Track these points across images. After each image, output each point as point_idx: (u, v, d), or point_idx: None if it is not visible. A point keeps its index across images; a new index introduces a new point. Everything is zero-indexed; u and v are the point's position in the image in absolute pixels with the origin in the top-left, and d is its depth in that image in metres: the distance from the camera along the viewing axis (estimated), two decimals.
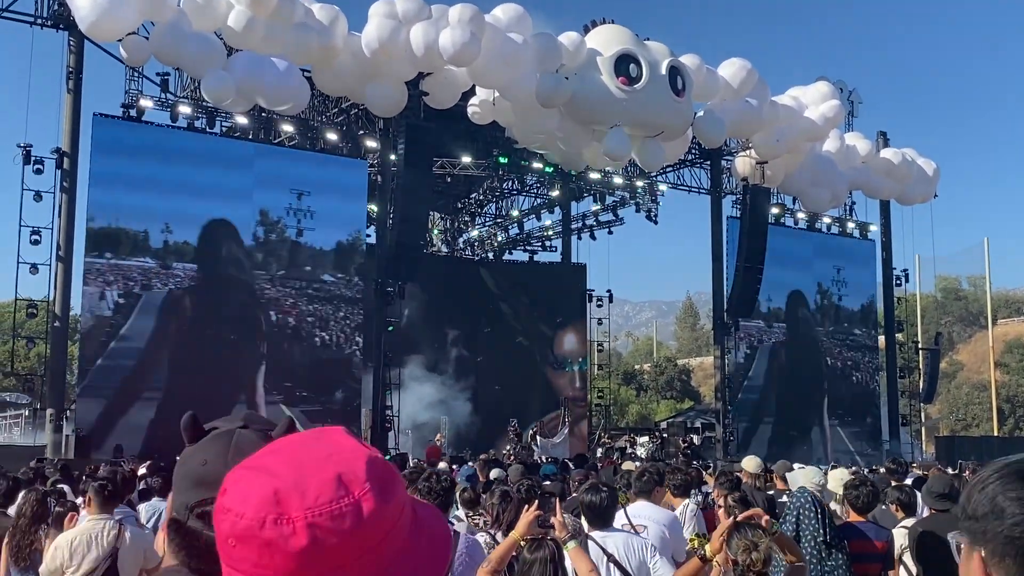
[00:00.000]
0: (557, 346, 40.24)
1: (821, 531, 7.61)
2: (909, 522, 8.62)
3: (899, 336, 42.39)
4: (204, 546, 1.68)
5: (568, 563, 5.79)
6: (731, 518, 5.38)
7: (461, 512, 9.37)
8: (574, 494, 10.16)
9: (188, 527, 1.72)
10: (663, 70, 27.88)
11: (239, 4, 24.12)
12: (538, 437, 35.06)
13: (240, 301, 27.93)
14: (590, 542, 6.27)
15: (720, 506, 8.20)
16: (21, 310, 26.69)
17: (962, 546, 1.62)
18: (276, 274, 28.51)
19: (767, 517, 5.49)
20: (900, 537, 8.47)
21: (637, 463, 16.26)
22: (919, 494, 9.46)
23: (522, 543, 5.50)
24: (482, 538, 7.01)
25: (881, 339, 42.27)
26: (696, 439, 39.79)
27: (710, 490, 11.24)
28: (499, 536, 6.82)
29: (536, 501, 6.51)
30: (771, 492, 11.42)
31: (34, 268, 25.69)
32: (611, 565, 6.24)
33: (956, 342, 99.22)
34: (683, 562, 7.23)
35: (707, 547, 5.30)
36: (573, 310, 40.84)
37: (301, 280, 28.87)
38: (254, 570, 1.32)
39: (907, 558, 8.32)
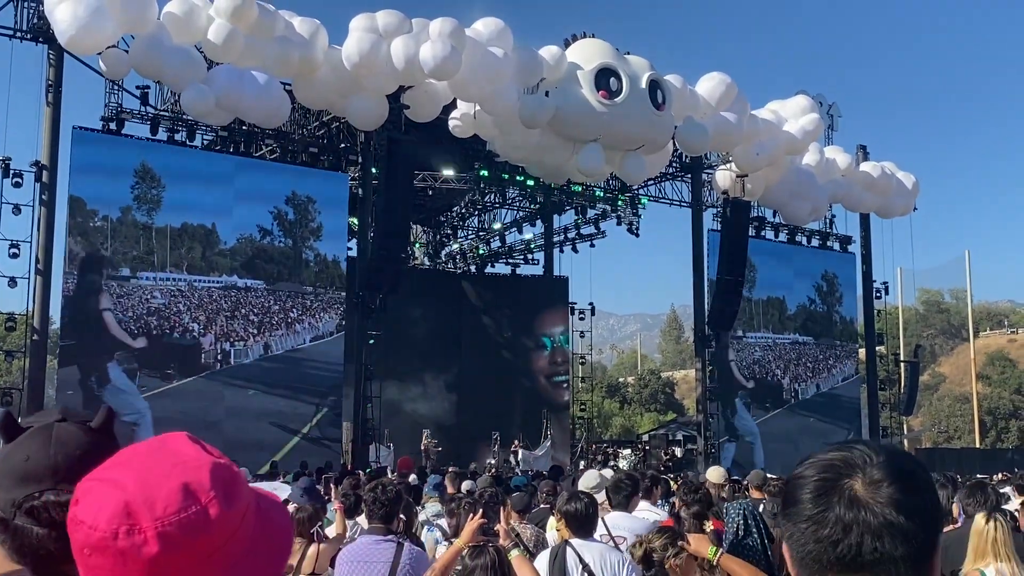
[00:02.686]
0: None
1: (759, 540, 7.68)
2: None
3: (880, 349, 42.57)
4: (36, 542, 1.72)
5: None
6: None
7: (443, 521, 9.41)
8: (542, 505, 10.20)
9: (16, 525, 1.74)
10: (643, 84, 27.99)
11: (219, 17, 24.11)
12: (520, 450, 35.02)
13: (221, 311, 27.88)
14: (568, 549, 6.33)
15: (682, 516, 8.23)
16: (0, 324, 26.56)
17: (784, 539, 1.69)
18: (258, 286, 28.47)
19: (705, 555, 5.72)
20: None
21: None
22: None
23: (465, 551, 5.56)
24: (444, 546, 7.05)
25: (862, 351, 42.43)
26: (678, 451, 39.85)
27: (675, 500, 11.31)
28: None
29: (480, 510, 6.56)
30: (744, 502, 11.46)
31: (12, 281, 25.58)
32: (585, 575, 6.29)
33: (938, 355, 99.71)
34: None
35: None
36: (556, 323, 40.89)
37: (282, 292, 28.79)
38: None
39: None
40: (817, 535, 1.59)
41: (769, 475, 12.96)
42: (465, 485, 12.52)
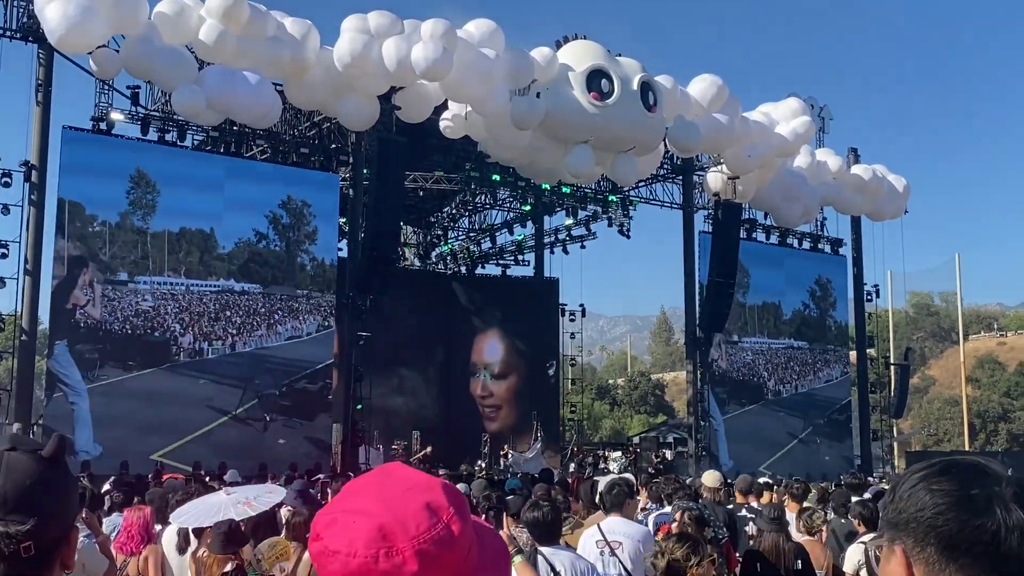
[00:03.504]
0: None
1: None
2: (868, 538, 8.63)
3: (870, 351, 42.62)
4: None
5: None
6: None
7: None
8: None
9: None
10: (635, 85, 27.98)
11: (210, 18, 24.04)
12: (510, 453, 35.01)
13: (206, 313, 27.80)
14: (539, 557, 6.29)
15: (676, 520, 8.21)
16: None
17: (882, 549, 1.61)
18: (253, 290, 28.43)
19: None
20: (857, 553, 8.46)
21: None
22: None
23: None
24: None
25: (852, 354, 42.47)
26: (669, 454, 39.84)
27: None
28: None
29: (482, 515, 6.54)
30: (730, 507, 11.45)
31: (1, 282, 25.50)
32: None
33: (928, 357, 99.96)
34: None
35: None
36: (545, 324, 40.82)
37: (274, 296, 28.71)
38: None
39: (863, 574, 8.33)
40: (953, 514, 1.52)
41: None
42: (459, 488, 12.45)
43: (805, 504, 9.97)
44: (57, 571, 1.82)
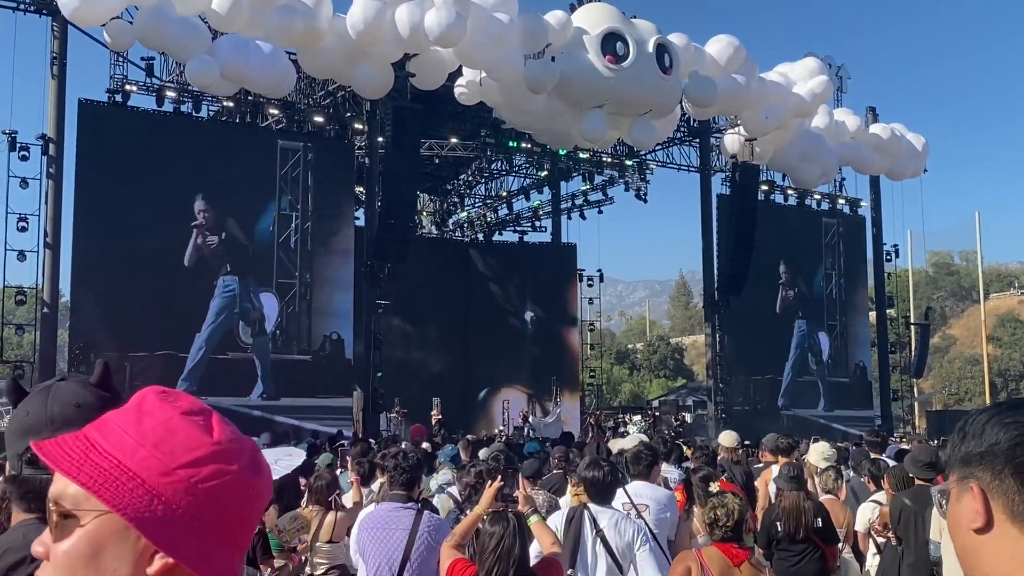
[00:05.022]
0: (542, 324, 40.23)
1: None
2: (880, 495, 8.63)
3: (890, 311, 42.49)
4: (40, 489, 1.80)
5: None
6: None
7: (455, 488, 9.46)
8: (555, 471, 10.22)
9: (24, 477, 1.85)
10: (650, 48, 27.78)
11: None
12: (530, 417, 35.13)
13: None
14: (585, 513, 6.42)
15: (692, 481, 8.27)
16: (10, 298, 26.63)
17: (951, 490, 1.57)
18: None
19: None
20: (868, 511, 8.46)
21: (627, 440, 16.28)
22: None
23: (484, 517, 5.58)
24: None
25: (872, 314, 42.35)
26: (688, 417, 39.91)
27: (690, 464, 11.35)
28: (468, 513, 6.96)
29: (499, 476, 6.61)
30: (759, 465, 11.46)
31: (22, 255, 25.61)
32: (598, 539, 6.36)
33: (949, 317, 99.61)
34: (675, 541, 7.40)
35: None
36: (564, 290, 40.84)
37: (291, 264, 28.80)
38: None
39: (874, 532, 8.33)
40: None
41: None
42: (481, 453, 12.56)
43: (823, 463, 9.97)
44: None
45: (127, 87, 27.09)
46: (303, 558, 8.98)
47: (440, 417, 31.23)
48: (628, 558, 6.41)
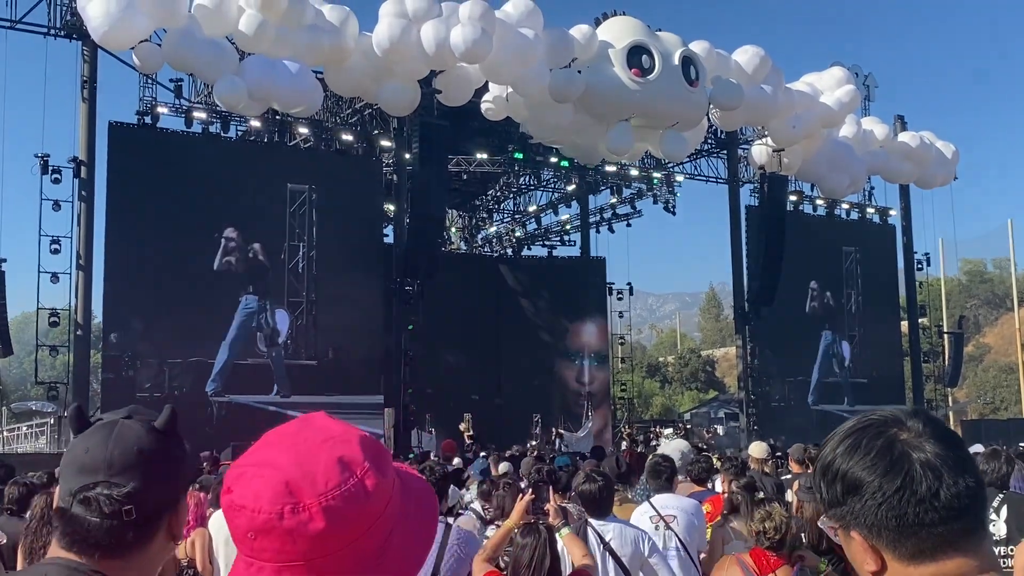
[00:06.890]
0: (573, 339, 40.06)
1: None
2: None
3: (923, 321, 42.13)
4: (86, 532, 1.78)
5: (563, 549, 5.86)
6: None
7: (477, 504, 9.43)
8: None
9: (72, 514, 1.80)
10: (676, 60, 27.77)
11: (249, 8, 24.16)
12: (563, 432, 35.02)
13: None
14: (589, 530, 6.36)
15: (725, 492, 8.20)
16: (43, 319, 26.86)
17: (837, 531, 1.57)
18: (298, 274, 28.79)
19: None
20: None
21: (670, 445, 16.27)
22: None
23: (516, 530, 5.57)
24: (491, 529, 7.07)
25: (904, 324, 42.00)
26: (720, 429, 39.72)
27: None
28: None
29: (530, 489, 6.60)
30: (787, 476, 11.38)
31: (55, 277, 25.86)
32: (607, 553, 6.34)
33: (983, 325, 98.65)
34: (703, 551, 7.34)
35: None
36: (594, 304, 40.71)
37: (320, 282, 28.93)
38: (277, 557, 1.42)
39: None
40: (886, 491, 1.49)
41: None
42: (502, 467, 12.54)
43: None
44: (162, 539, 1.88)
45: (156, 109, 27.33)
46: None
47: (472, 433, 31.21)
48: (637, 566, 6.41)
